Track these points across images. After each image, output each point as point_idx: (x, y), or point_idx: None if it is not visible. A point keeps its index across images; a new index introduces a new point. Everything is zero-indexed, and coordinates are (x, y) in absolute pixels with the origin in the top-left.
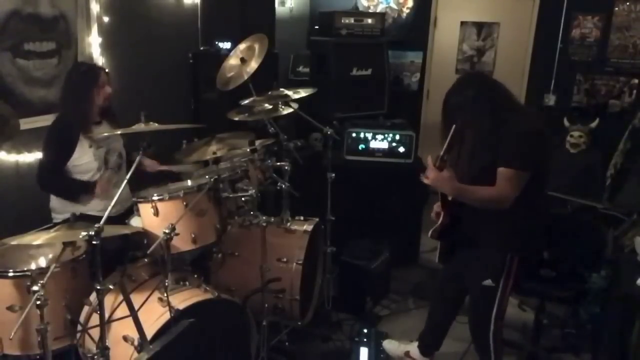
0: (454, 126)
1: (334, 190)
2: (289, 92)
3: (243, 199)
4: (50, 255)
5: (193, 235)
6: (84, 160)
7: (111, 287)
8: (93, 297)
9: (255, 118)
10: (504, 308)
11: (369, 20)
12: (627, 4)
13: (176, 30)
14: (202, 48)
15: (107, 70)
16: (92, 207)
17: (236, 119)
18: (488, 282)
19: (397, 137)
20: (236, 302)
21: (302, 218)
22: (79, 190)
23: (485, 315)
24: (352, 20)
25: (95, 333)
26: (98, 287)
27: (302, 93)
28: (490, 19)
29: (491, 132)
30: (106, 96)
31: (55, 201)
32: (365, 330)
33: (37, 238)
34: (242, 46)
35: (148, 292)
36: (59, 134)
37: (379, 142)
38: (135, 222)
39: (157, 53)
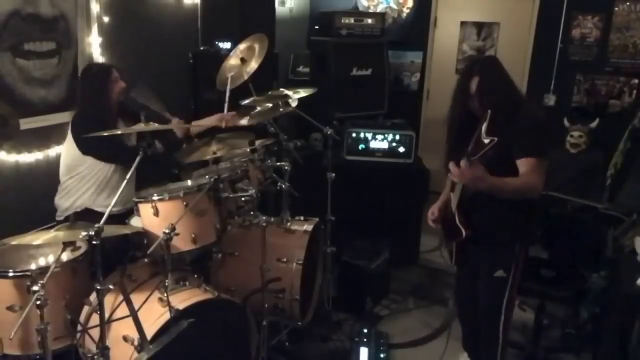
0: (488, 112)
1: (334, 190)
2: (289, 92)
3: (243, 199)
4: (50, 255)
5: (193, 235)
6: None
7: (111, 287)
8: (93, 297)
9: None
10: (514, 297)
11: (369, 20)
12: (627, 4)
13: (176, 30)
14: (202, 48)
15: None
16: (97, 203)
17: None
18: (500, 272)
19: (397, 137)
20: (236, 302)
21: (302, 218)
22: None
23: (497, 307)
24: (352, 20)
25: (95, 333)
26: (98, 287)
27: (302, 93)
28: (490, 19)
29: (507, 116)
30: (121, 90)
31: (60, 198)
32: (365, 330)
33: (37, 238)
34: (242, 46)
35: (148, 292)
36: (87, 124)
37: (379, 142)
38: (135, 222)
39: (157, 53)
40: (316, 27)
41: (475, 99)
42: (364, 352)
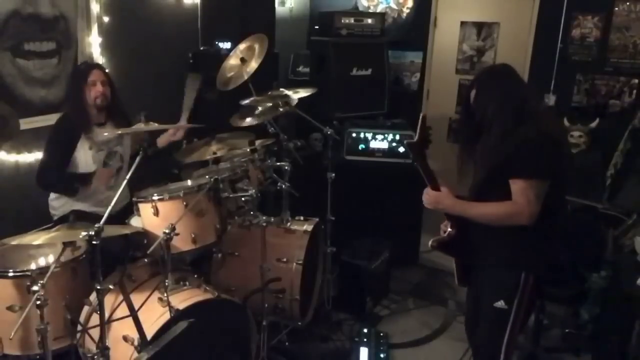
0: (421, 115)
1: (334, 190)
2: (289, 92)
3: (243, 199)
4: (50, 255)
5: (193, 235)
6: (82, 163)
7: (111, 287)
8: (93, 297)
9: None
10: (517, 335)
11: (369, 20)
12: (627, 4)
13: (176, 30)
14: (202, 48)
15: (106, 69)
16: (87, 203)
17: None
18: (500, 303)
19: (397, 137)
20: (236, 302)
21: (302, 218)
22: (77, 183)
23: (495, 342)
24: (352, 20)
25: (95, 333)
26: (98, 287)
27: (302, 93)
28: (490, 19)
29: (509, 132)
30: (97, 95)
31: (53, 197)
32: (365, 330)
33: (37, 238)
34: (242, 46)
35: (148, 292)
36: (59, 133)
37: (379, 142)
38: (135, 222)
39: (157, 53)
40: (316, 27)
41: (475, 110)
42: (364, 352)
